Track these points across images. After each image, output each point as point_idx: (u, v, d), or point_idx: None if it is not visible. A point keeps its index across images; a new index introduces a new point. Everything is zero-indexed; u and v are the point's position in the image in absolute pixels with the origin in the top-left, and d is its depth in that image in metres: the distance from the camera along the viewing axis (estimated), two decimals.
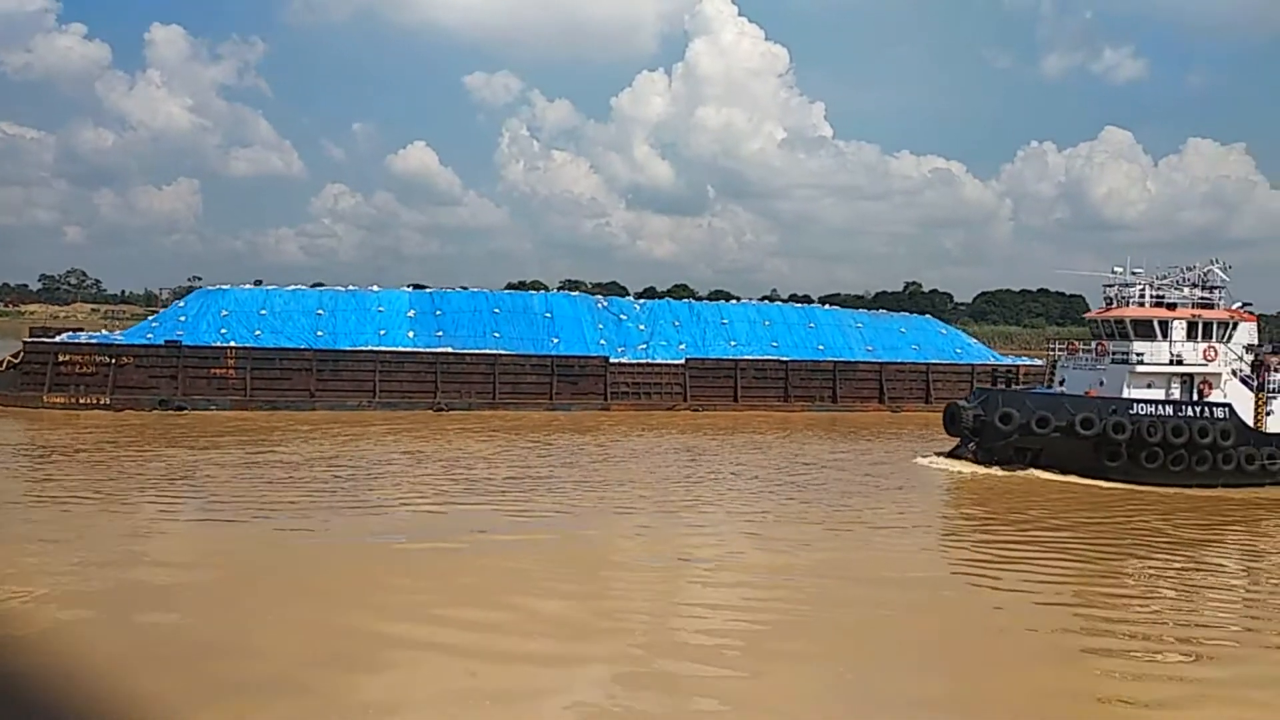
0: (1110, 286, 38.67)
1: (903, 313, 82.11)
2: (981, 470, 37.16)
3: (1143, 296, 37.62)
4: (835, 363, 63.75)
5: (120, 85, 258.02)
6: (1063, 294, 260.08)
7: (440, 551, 23.66)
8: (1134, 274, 38.24)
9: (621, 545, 25.43)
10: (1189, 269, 38.67)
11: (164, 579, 20.71)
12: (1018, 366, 67.13)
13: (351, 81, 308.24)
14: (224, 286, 60.08)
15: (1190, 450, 34.62)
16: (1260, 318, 40.81)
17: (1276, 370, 38.37)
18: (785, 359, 64.05)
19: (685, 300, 74.14)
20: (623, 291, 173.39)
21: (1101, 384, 37.55)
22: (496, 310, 62.48)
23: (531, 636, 17.42)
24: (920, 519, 29.93)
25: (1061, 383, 40.28)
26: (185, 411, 52.00)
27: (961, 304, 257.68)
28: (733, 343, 65.31)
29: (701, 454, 42.22)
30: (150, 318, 63.65)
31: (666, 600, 20.56)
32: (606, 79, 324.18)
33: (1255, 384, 36.98)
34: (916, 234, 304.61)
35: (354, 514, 27.66)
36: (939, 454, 39.95)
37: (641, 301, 68.99)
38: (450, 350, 58.53)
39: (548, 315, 63.26)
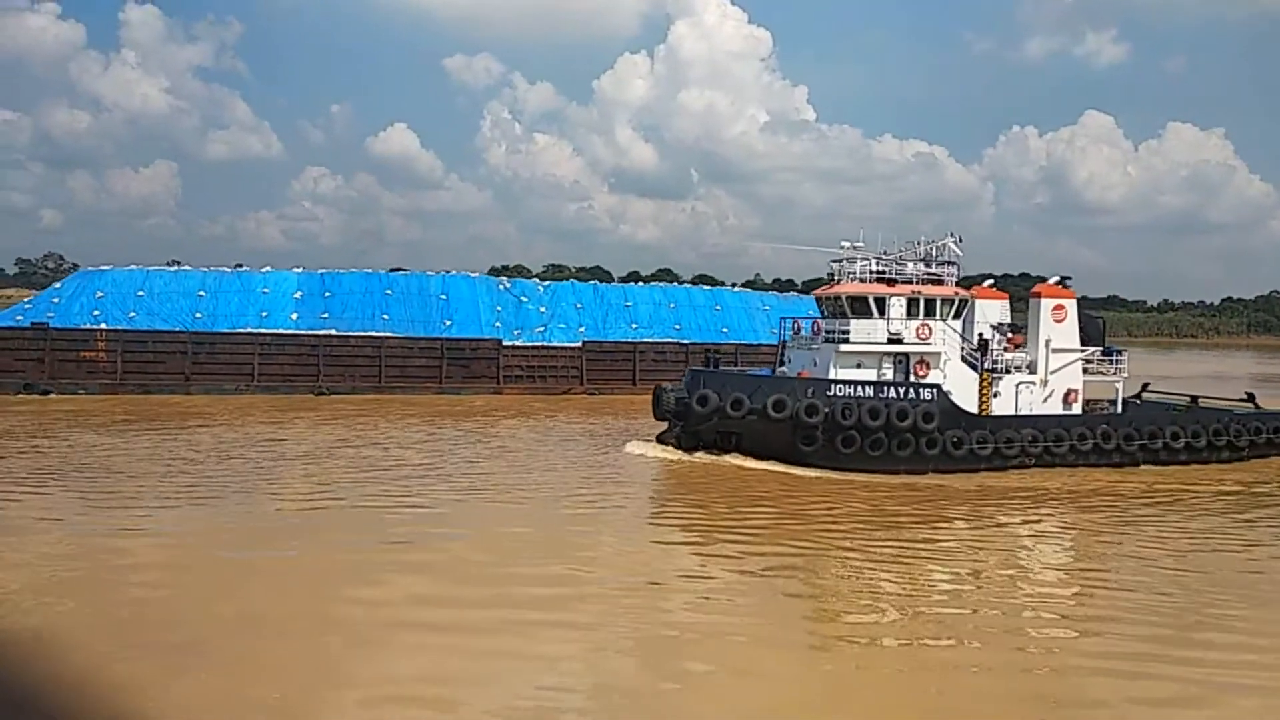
0: (836, 262, 36.57)
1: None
2: (682, 456, 34.81)
3: (865, 272, 35.51)
4: (737, 345, 62.31)
5: (95, 66, 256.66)
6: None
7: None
8: (855, 248, 35.99)
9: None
10: (923, 244, 36.50)
11: None
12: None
13: (329, 63, 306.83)
14: (104, 268, 58.39)
15: (890, 434, 32.36)
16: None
17: (1009, 350, 36.79)
18: (686, 342, 62.83)
19: (591, 283, 72.63)
20: (607, 276, 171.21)
21: (815, 364, 35.58)
22: (389, 292, 61.01)
23: None
24: (551, 505, 27.72)
25: (785, 363, 38.24)
26: (50, 396, 50.58)
27: None
28: (634, 325, 63.99)
29: (470, 441, 39.44)
30: (24, 300, 62.07)
31: None
32: (588, 61, 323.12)
33: (980, 365, 35.14)
34: (898, 218, 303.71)
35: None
36: (651, 439, 37.32)
37: (546, 283, 67.51)
38: (334, 332, 57.10)
39: (443, 297, 61.83)
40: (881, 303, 34.68)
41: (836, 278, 36.62)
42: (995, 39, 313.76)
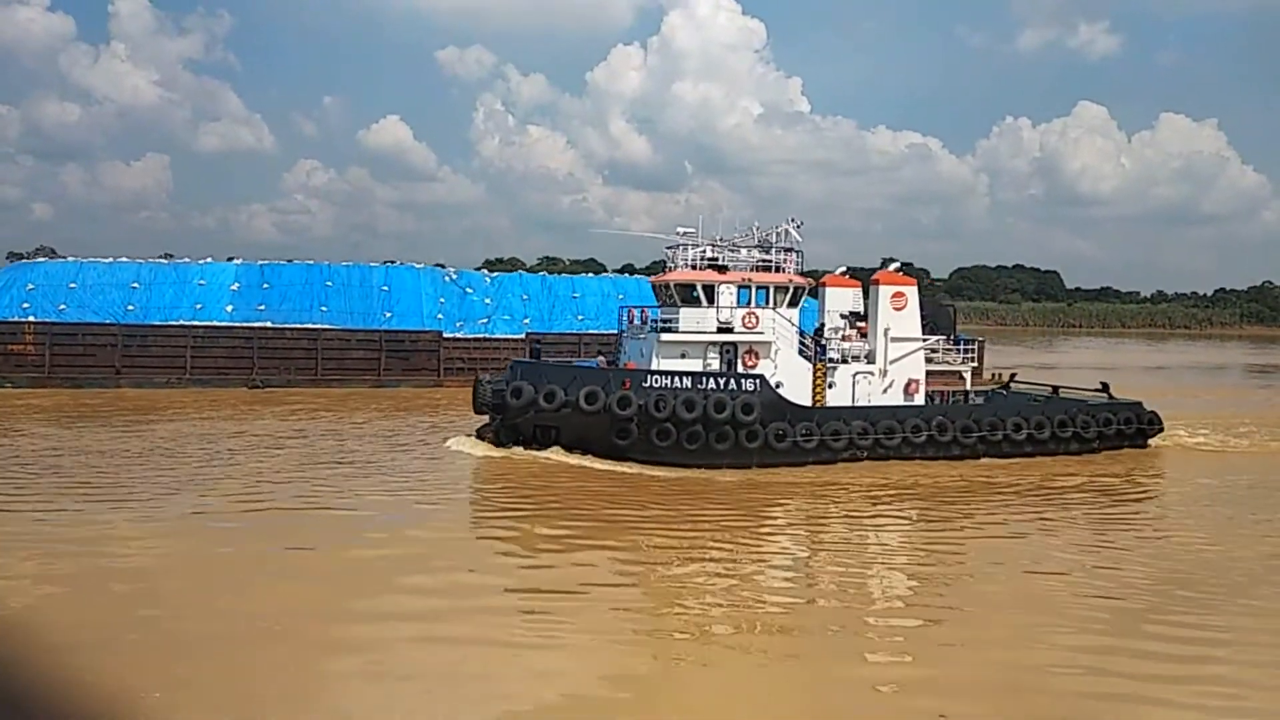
0: (670, 249, 35.13)
1: None
2: (496, 452, 33.12)
3: (697, 259, 34.12)
4: None
5: (84, 58, 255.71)
6: (1038, 270, 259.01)
7: None
8: (686, 233, 34.58)
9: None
10: (759, 230, 35.22)
11: None
12: None
13: (321, 55, 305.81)
14: (38, 260, 57.64)
15: (708, 427, 30.88)
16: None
17: (848, 340, 35.57)
18: None
19: (540, 273, 71.73)
20: (600, 269, 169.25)
21: (641, 355, 34.24)
22: (329, 283, 60.09)
23: None
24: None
25: (622, 354, 36.76)
26: None
27: (938, 280, 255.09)
28: (580, 317, 63.14)
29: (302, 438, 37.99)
30: None
31: None
32: (581, 53, 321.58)
33: (815, 355, 33.93)
34: (893, 209, 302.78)
35: None
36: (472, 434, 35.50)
37: (493, 275, 66.52)
38: (269, 325, 56.23)
39: (385, 289, 60.91)
40: (711, 290, 33.23)
41: (669, 265, 35.27)
42: (989, 30, 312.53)
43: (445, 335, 58.73)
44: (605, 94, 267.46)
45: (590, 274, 78.07)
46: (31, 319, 52.95)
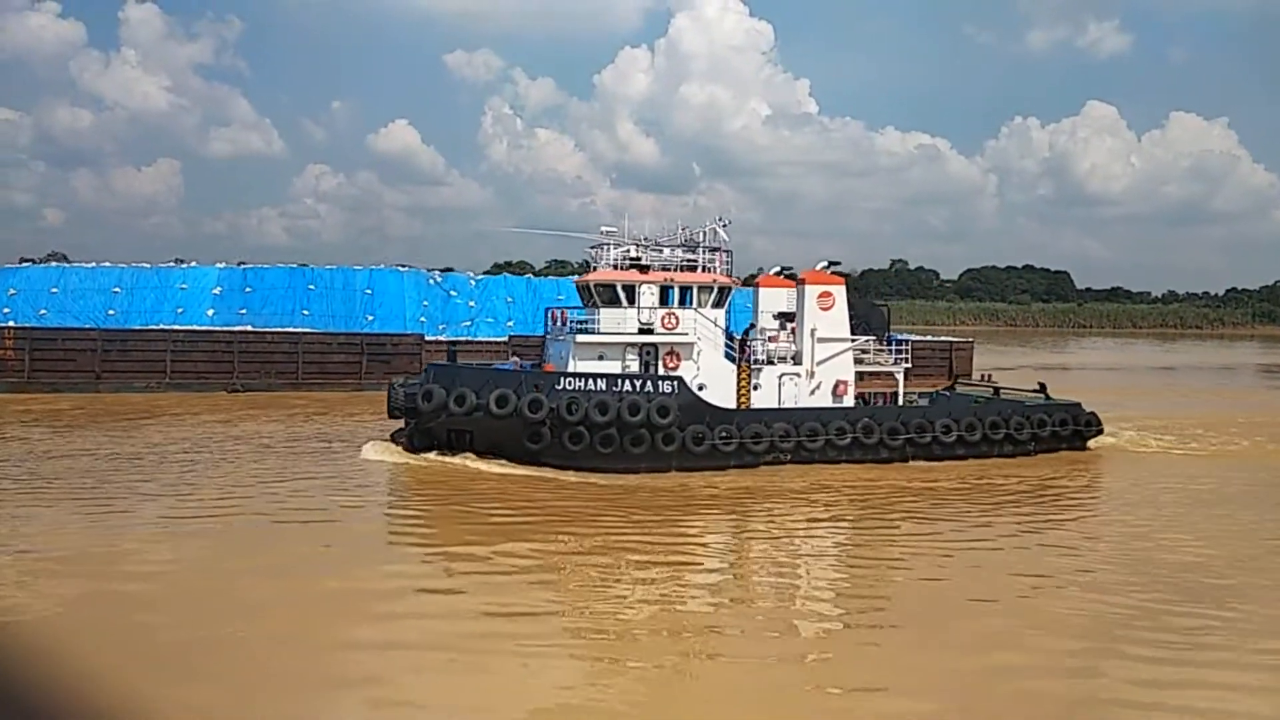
0: (592, 249, 34.37)
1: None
2: (400, 458, 32.16)
3: (620, 259, 33.39)
4: None
5: (95, 65, 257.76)
6: (1048, 270, 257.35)
7: None
8: (609, 231, 33.87)
9: None
10: (684, 229, 34.45)
11: None
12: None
13: (330, 60, 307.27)
14: (21, 265, 57.80)
15: (621, 430, 30.05)
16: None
17: (774, 340, 34.67)
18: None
19: (525, 276, 71.45)
20: None
21: (561, 357, 33.54)
22: (311, 287, 59.98)
23: None
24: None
25: (546, 357, 36.10)
26: None
27: (948, 281, 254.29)
28: None
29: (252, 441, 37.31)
30: None
31: None
32: (589, 55, 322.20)
33: (740, 356, 33.11)
34: (901, 211, 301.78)
35: None
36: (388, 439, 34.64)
37: (479, 277, 66.28)
38: (249, 328, 56.13)
39: (367, 292, 60.80)
40: (632, 291, 32.50)
41: (593, 265, 34.57)
42: (997, 30, 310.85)
43: (427, 338, 58.48)
44: (613, 96, 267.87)
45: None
46: (11, 324, 52.98)
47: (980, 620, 18.16)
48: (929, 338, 77.71)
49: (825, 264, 36.05)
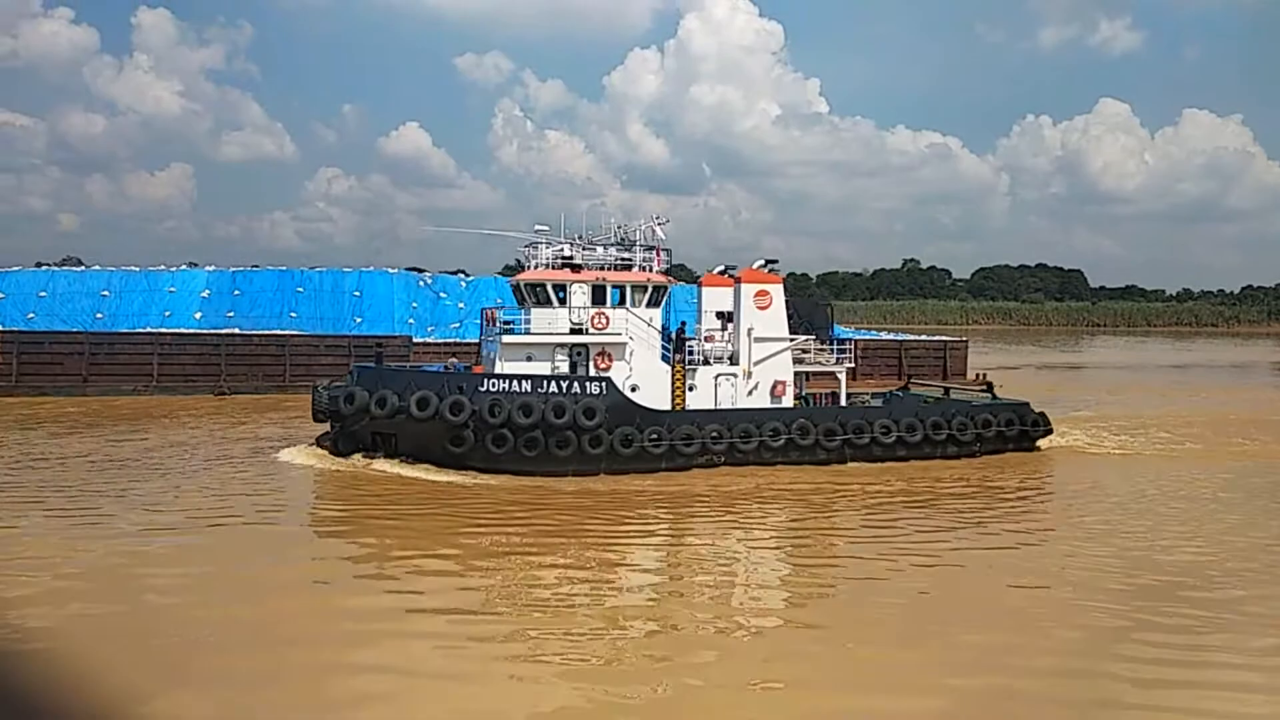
0: (525, 247, 33.63)
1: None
2: (316, 463, 31.31)
3: (552, 258, 32.73)
4: None
5: (108, 70, 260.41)
6: (1061, 269, 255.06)
7: None
8: (540, 229, 33.16)
9: None
10: (619, 227, 33.86)
11: None
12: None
13: (340, 64, 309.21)
14: (11, 269, 57.98)
15: (546, 432, 29.25)
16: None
17: (710, 339, 33.84)
18: None
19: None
20: None
21: (490, 358, 32.81)
22: (300, 289, 59.98)
23: None
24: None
25: (482, 358, 35.29)
26: None
27: (960, 280, 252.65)
28: None
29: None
30: None
31: None
32: (599, 57, 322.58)
33: (675, 356, 32.33)
34: (913, 210, 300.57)
35: None
36: (313, 444, 33.88)
37: (469, 279, 66.09)
38: (236, 331, 56.11)
39: (356, 294, 60.82)
40: (562, 290, 31.85)
41: (525, 264, 33.93)
42: (1008, 28, 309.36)
43: (415, 340, 58.26)
44: (623, 98, 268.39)
45: None
46: None
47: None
48: (924, 337, 76.31)
49: (762, 262, 35.29)
